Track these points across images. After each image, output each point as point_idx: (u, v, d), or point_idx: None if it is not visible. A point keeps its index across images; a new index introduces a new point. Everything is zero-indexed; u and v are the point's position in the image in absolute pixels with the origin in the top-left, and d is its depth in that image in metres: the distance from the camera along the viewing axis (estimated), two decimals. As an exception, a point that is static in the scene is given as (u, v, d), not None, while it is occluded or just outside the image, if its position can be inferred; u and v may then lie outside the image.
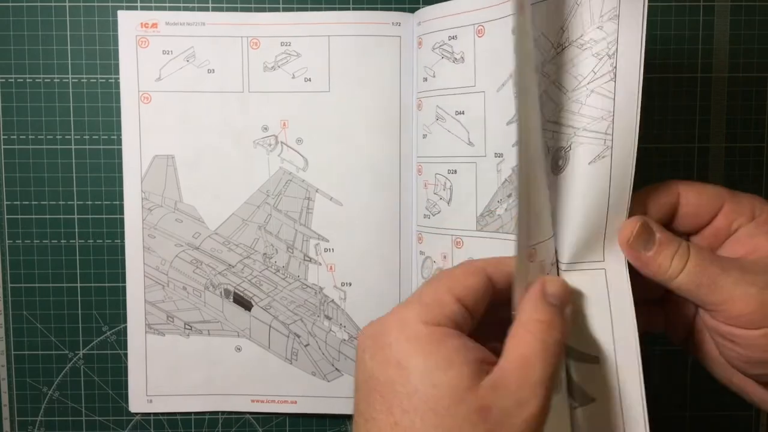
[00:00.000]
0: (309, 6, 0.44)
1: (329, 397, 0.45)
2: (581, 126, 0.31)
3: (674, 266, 0.30)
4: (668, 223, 0.32)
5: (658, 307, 0.35)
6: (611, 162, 0.30)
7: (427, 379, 0.25)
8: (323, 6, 0.44)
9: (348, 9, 0.44)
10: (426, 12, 0.42)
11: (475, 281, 0.29)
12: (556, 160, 0.32)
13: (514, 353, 0.26)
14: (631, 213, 0.31)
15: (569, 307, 0.29)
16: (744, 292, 0.29)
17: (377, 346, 0.27)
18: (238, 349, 0.45)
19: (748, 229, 0.32)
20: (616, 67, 0.30)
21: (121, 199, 0.44)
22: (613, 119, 0.30)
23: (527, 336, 0.26)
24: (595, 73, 0.30)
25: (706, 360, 0.34)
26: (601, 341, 0.31)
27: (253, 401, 0.45)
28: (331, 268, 0.44)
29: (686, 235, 0.33)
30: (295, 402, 0.45)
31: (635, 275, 0.32)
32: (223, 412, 0.46)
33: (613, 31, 0.30)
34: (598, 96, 0.30)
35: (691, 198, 0.32)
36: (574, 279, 0.31)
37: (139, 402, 0.45)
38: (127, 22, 0.43)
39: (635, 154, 0.30)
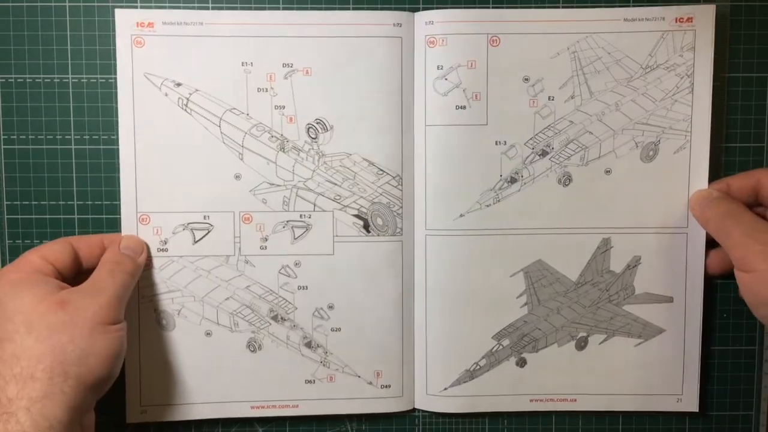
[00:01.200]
0: (309, 6, 0.44)
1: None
2: (667, 126, 0.44)
3: (707, 214, 0.42)
4: (755, 203, 0.42)
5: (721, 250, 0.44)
6: (690, 152, 0.44)
7: (20, 302, 0.36)
8: (323, 6, 0.44)
9: (348, 9, 0.44)
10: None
11: (61, 247, 0.40)
12: (647, 151, 0.44)
13: (90, 278, 0.39)
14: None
15: (143, 255, 0.43)
16: (740, 242, 0.38)
17: None
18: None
19: None
20: (693, 84, 0.44)
21: (120, 199, 0.44)
22: (691, 121, 0.44)
23: (101, 268, 0.40)
24: (678, 88, 0.44)
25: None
26: (676, 286, 0.45)
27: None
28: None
29: None
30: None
31: None
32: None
33: (690, 58, 0.43)
34: (681, 104, 0.44)
35: (766, 181, 0.41)
36: (657, 240, 0.45)
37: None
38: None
39: (708, 147, 0.44)
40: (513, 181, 0.44)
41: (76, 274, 0.41)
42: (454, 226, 0.44)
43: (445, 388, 0.45)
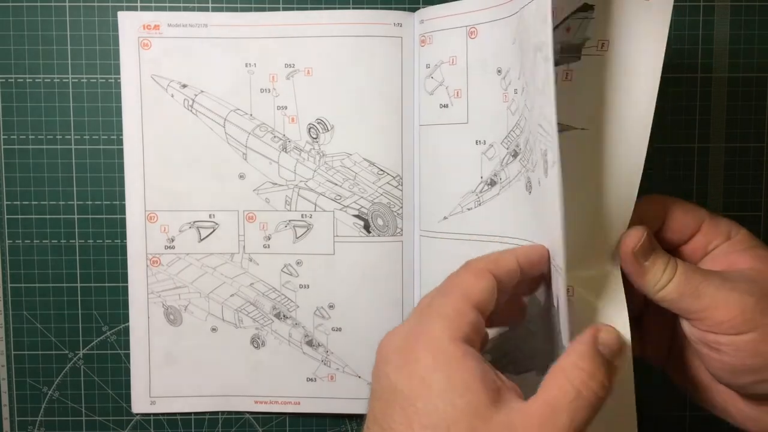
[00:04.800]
0: (309, 6, 0.44)
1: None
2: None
3: (664, 277, 0.31)
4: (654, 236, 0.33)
5: (635, 328, 0.33)
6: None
7: (448, 398, 0.25)
8: (323, 6, 0.44)
9: (348, 8, 0.44)
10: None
11: (486, 285, 0.28)
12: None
13: (543, 395, 0.25)
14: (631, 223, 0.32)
15: (620, 359, 0.27)
16: (725, 298, 0.29)
17: (403, 360, 0.27)
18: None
19: (724, 248, 0.33)
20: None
21: (122, 199, 0.44)
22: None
23: (563, 381, 0.25)
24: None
25: (685, 381, 0.34)
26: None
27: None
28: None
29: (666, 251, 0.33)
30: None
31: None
32: (223, 412, 0.46)
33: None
34: None
35: (678, 214, 0.33)
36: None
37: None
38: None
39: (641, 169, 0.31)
40: (492, 183, 0.39)
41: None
42: (439, 229, 0.43)
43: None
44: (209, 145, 0.44)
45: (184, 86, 0.43)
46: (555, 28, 0.29)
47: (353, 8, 0.44)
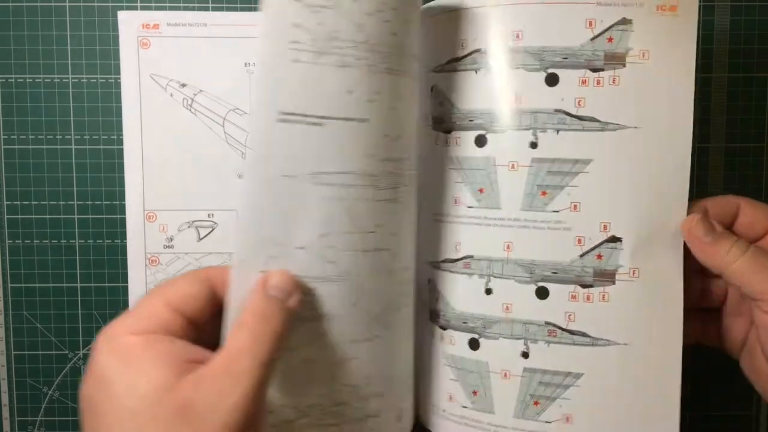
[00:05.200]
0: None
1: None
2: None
3: (732, 254, 0.33)
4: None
5: (714, 320, 0.37)
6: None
7: (132, 389, 0.25)
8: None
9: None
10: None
11: (195, 289, 0.29)
12: None
13: (225, 347, 0.27)
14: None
15: (295, 298, 0.29)
16: None
17: (89, 365, 0.27)
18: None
19: None
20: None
21: (122, 199, 0.44)
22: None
23: (241, 330, 0.27)
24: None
25: (755, 374, 0.36)
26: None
27: None
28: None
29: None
30: None
31: (694, 279, 0.36)
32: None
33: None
34: None
35: (749, 211, 0.35)
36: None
37: None
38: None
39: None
40: None
41: (213, 316, 0.30)
42: None
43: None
44: (208, 145, 0.44)
45: (183, 85, 0.43)
46: (595, 37, 0.35)
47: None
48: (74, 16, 0.44)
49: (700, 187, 0.45)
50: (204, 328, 0.29)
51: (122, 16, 0.43)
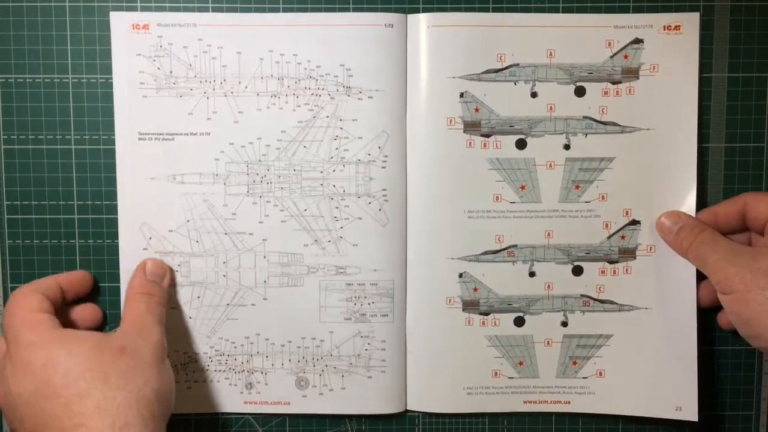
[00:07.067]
0: (309, 7, 0.44)
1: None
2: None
3: (684, 244, 0.42)
4: (742, 227, 0.43)
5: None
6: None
7: (76, 357, 0.35)
8: (323, 7, 0.44)
9: (348, 11, 0.44)
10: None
11: (51, 285, 0.41)
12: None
13: (130, 316, 0.40)
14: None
15: (167, 278, 0.43)
16: (718, 267, 0.39)
17: (19, 363, 0.36)
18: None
19: None
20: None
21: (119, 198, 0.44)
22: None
23: (137, 304, 0.40)
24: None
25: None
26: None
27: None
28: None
29: (760, 235, 0.42)
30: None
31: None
32: (223, 412, 0.46)
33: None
34: None
35: (753, 204, 0.41)
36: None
37: None
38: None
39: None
40: None
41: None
42: None
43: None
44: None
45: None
46: (614, 55, 0.43)
47: (353, 11, 0.44)
48: (74, 16, 0.44)
49: (700, 187, 0.44)
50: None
51: (114, 16, 0.43)
